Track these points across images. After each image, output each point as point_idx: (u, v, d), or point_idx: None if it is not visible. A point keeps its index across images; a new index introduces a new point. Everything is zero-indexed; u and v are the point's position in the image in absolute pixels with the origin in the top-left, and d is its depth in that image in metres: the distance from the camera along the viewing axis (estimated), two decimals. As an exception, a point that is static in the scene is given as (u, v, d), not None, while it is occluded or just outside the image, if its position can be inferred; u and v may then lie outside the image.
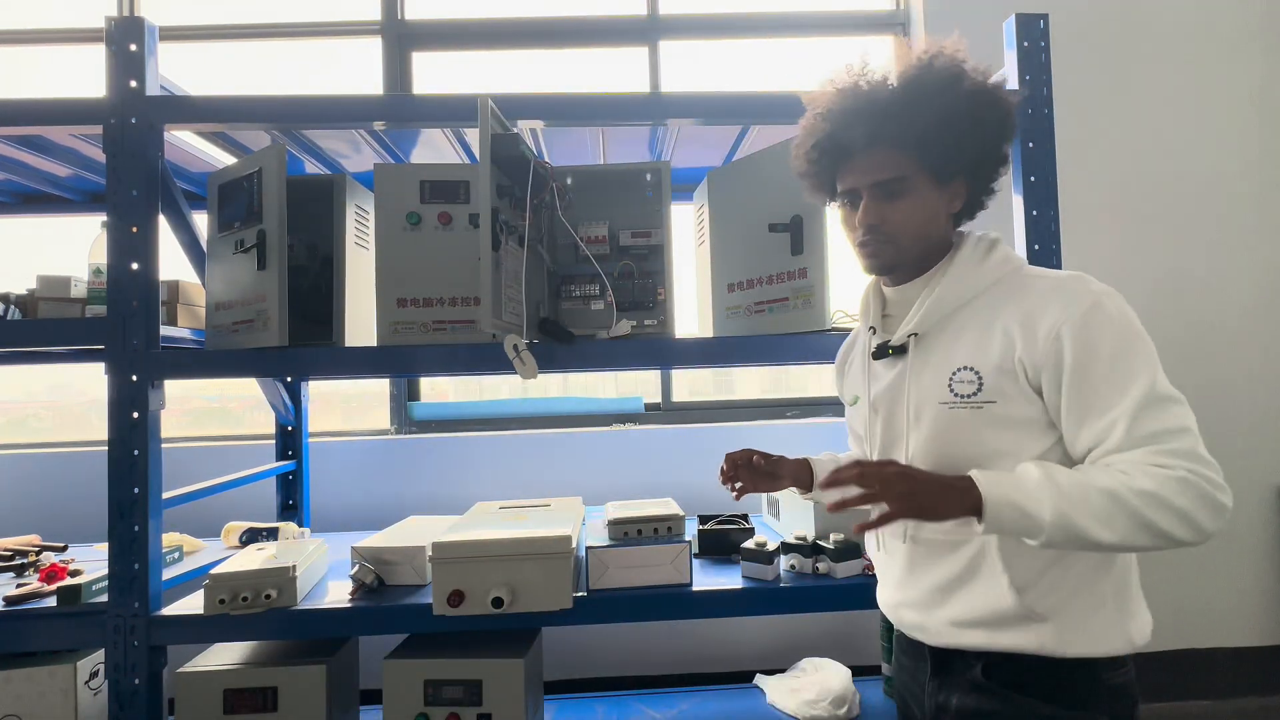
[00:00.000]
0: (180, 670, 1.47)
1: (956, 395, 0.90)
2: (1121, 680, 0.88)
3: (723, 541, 1.68)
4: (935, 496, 0.82)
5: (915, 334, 0.96)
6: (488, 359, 1.45)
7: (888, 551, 1.03)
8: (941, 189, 0.96)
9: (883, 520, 0.83)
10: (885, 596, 1.05)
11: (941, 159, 0.93)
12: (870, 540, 1.09)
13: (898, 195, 0.94)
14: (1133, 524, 0.77)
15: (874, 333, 1.04)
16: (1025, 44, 1.52)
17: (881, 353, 1.00)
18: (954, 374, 0.91)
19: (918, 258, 0.98)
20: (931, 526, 0.93)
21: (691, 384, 2.64)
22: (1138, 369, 0.83)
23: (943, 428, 0.92)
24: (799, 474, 1.19)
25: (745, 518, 1.78)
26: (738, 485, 1.19)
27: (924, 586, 0.96)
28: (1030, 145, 1.51)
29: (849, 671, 1.86)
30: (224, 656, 1.52)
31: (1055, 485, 0.79)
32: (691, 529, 1.68)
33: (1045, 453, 0.88)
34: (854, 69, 0.97)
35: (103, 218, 1.48)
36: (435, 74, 2.61)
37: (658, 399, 2.54)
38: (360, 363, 1.50)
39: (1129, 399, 0.82)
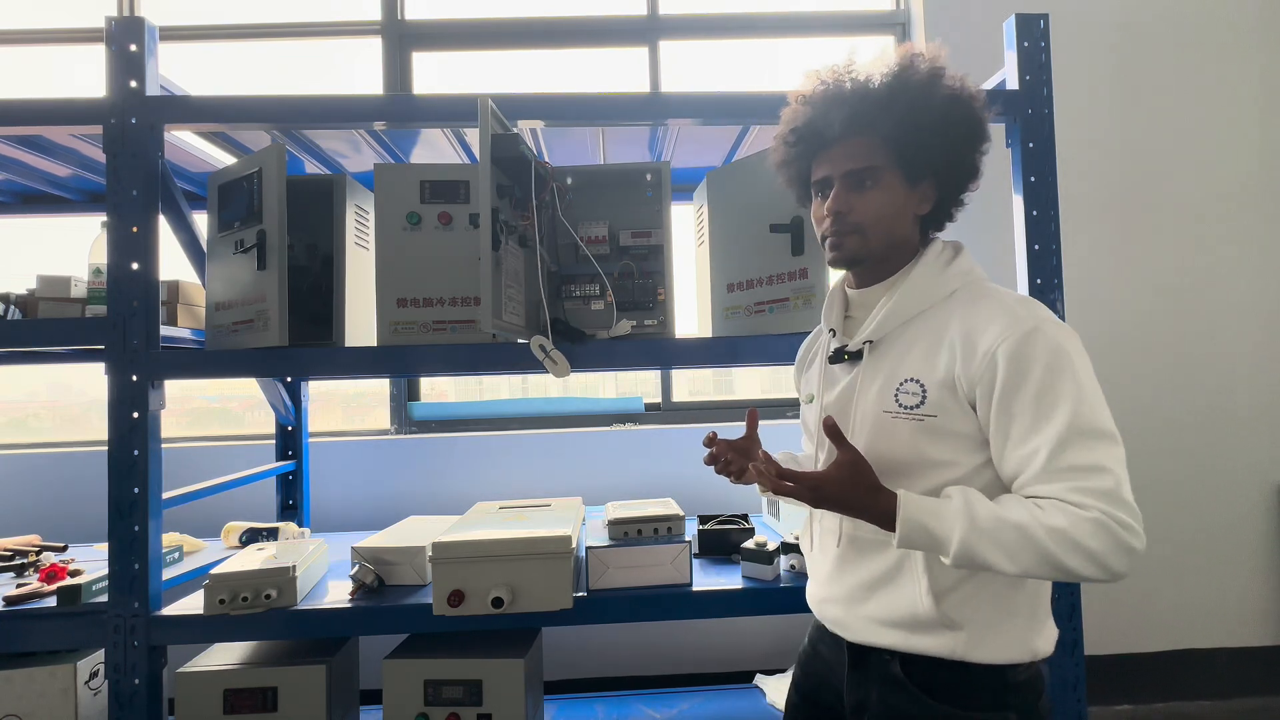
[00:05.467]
0: (180, 670, 1.47)
1: (901, 406, 0.92)
2: (1026, 676, 0.90)
3: (723, 541, 1.68)
4: (853, 510, 0.87)
5: (870, 341, 0.97)
6: (488, 359, 1.45)
7: (821, 550, 1.05)
8: (910, 188, 0.97)
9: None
10: (813, 591, 1.08)
11: (913, 156, 0.94)
12: (805, 537, 1.12)
13: (868, 185, 0.95)
14: (1038, 559, 0.79)
15: (834, 335, 1.05)
16: (1025, 44, 1.52)
17: (838, 357, 1.02)
18: (901, 385, 0.93)
19: (881, 254, 0.98)
20: (865, 526, 0.95)
21: (691, 384, 2.64)
22: (1062, 399, 0.82)
23: (885, 436, 0.93)
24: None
25: (745, 518, 1.78)
26: (731, 467, 1.14)
27: (850, 584, 0.98)
28: (1030, 145, 1.51)
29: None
30: (224, 656, 1.52)
31: (970, 516, 0.81)
32: (691, 529, 1.68)
33: (981, 466, 0.89)
34: (840, 64, 0.99)
35: (103, 218, 1.48)
36: (435, 74, 2.61)
37: (658, 399, 2.54)
38: (360, 363, 1.50)
39: (1051, 429, 0.82)
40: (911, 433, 0.91)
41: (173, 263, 1.56)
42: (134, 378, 1.41)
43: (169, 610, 1.43)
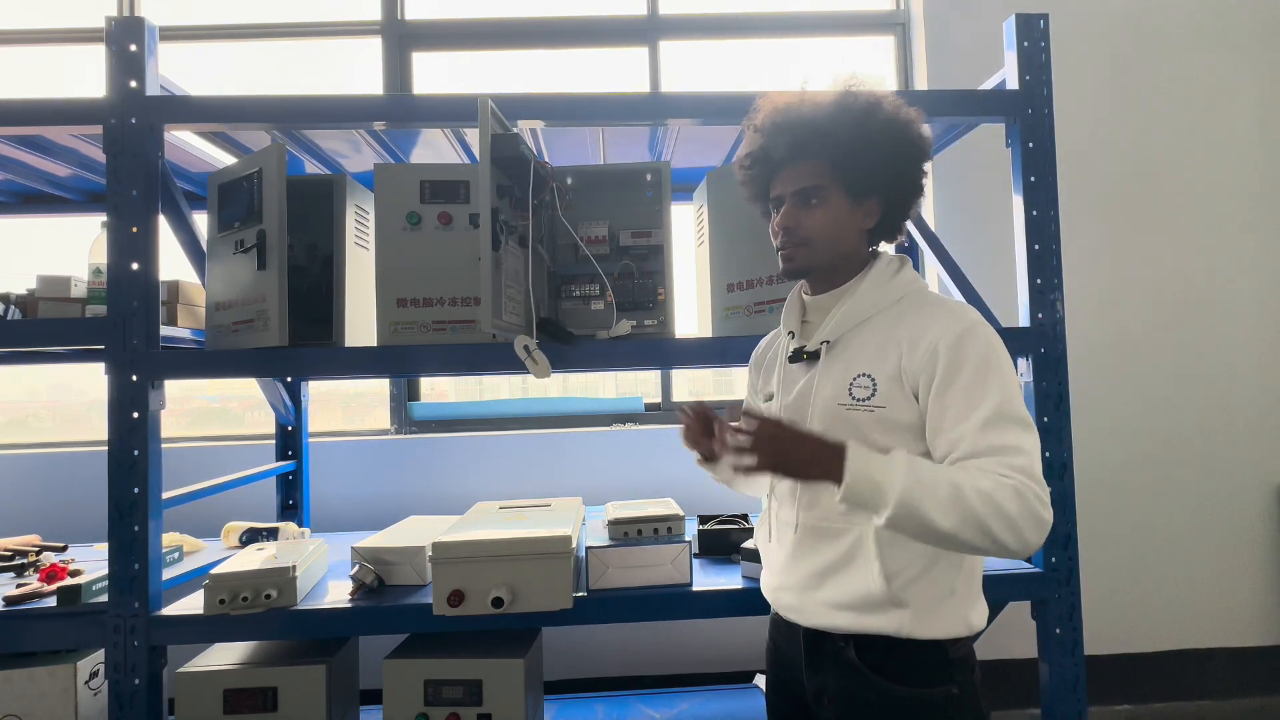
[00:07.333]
0: (180, 670, 1.47)
1: (854, 398, 1.01)
2: (964, 653, 1.00)
3: (723, 541, 1.68)
4: (802, 462, 0.93)
5: (827, 341, 1.06)
6: (488, 359, 1.45)
7: (777, 540, 1.12)
8: (855, 205, 1.06)
9: (750, 469, 0.94)
10: (767, 581, 1.15)
11: (854, 176, 1.04)
12: (761, 531, 1.18)
13: (814, 203, 1.05)
14: (966, 517, 0.86)
15: (792, 337, 1.13)
16: (1025, 44, 1.52)
17: (797, 356, 1.10)
18: (854, 379, 1.02)
19: (828, 265, 1.08)
20: (819, 515, 1.03)
21: (691, 384, 2.64)
22: (990, 391, 0.93)
23: (839, 426, 1.01)
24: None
25: (745, 518, 1.78)
26: (699, 447, 1.18)
27: (805, 571, 1.05)
28: (1030, 145, 1.51)
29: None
30: (224, 656, 1.52)
31: (912, 471, 0.89)
32: (691, 529, 1.68)
33: (923, 454, 0.97)
34: (789, 95, 1.08)
35: (103, 218, 1.48)
36: (435, 74, 2.61)
37: (658, 399, 2.54)
38: (360, 363, 1.50)
39: (979, 415, 0.92)
40: (865, 422, 0.99)
41: (173, 263, 1.56)
42: (134, 378, 1.41)
43: (169, 610, 1.43)
